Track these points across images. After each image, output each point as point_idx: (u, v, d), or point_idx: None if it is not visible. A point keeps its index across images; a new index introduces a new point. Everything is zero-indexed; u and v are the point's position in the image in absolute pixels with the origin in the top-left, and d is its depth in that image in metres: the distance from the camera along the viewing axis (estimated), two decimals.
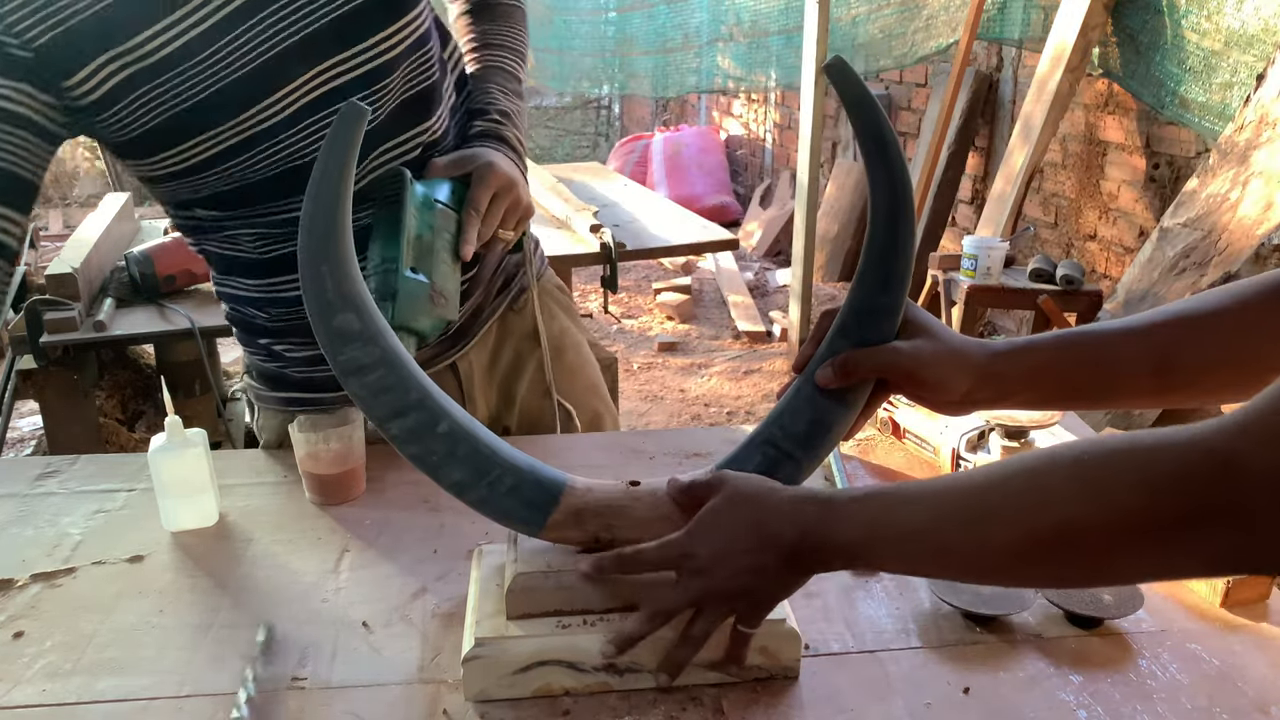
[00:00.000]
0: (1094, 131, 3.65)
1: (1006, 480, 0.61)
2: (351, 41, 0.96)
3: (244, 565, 0.95)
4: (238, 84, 0.92)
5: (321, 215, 0.74)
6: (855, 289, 0.78)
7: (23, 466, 1.17)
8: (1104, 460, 0.56)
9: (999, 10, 4.00)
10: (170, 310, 2.07)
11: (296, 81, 0.95)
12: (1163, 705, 0.75)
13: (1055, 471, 0.59)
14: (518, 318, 1.26)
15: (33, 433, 3.32)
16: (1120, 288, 2.93)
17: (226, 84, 0.92)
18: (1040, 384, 0.76)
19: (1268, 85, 2.66)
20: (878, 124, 0.75)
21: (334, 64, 0.96)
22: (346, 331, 0.75)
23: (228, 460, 1.15)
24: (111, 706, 0.75)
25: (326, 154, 0.74)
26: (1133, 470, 0.54)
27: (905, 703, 0.75)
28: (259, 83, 0.93)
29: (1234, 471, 0.50)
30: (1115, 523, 0.55)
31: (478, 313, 1.21)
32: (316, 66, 0.95)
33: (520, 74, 1.19)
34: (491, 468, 0.77)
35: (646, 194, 3.35)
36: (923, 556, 0.67)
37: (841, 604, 0.88)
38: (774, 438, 0.80)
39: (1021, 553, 0.60)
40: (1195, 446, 0.52)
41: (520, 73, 1.19)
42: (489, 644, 0.74)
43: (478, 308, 1.20)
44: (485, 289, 1.20)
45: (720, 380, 4.07)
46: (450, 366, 1.21)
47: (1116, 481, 0.55)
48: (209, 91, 0.91)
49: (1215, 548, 0.52)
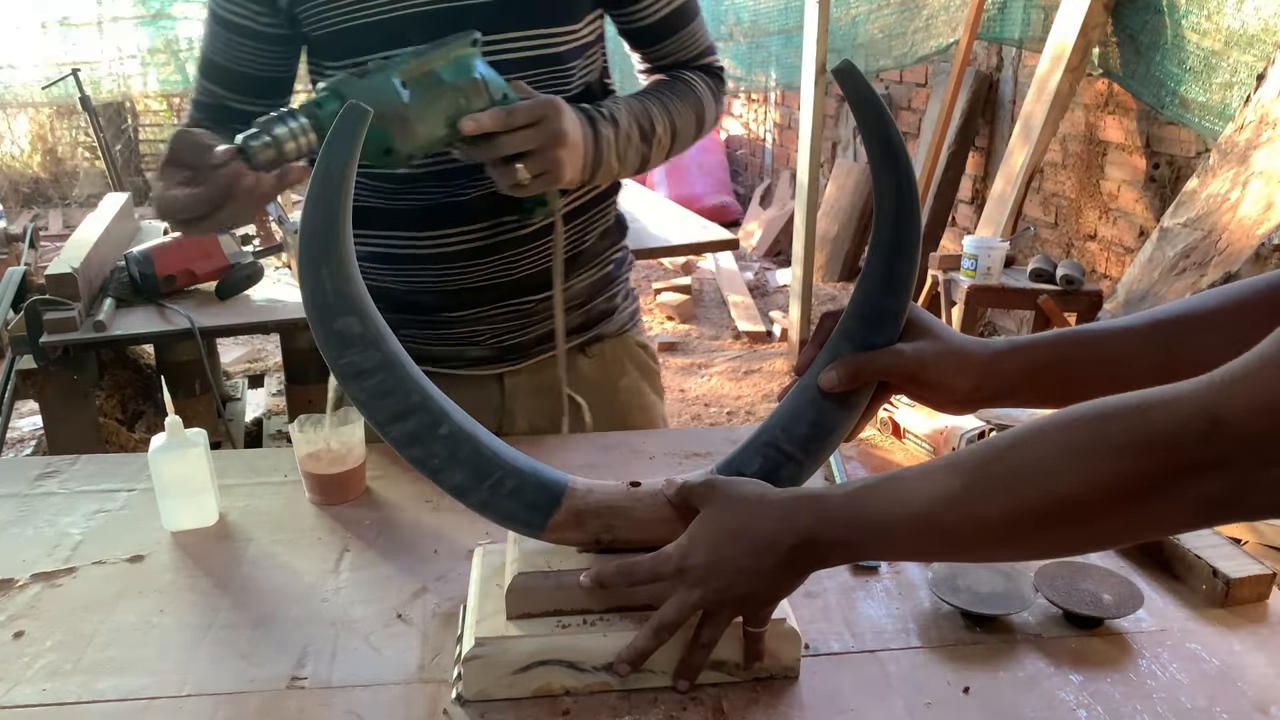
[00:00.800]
0: (1094, 131, 3.65)
1: (997, 456, 0.62)
2: (502, 27, 1.03)
3: (244, 565, 0.95)
4: (398, 22, 1.02)
5: (322, 217, 0.74)
6: (860, 292, 0.78)
7: (23, 466, 1.17)
8: (1092, 425, 0.56)
9: (999, 10, 4.00)
10: (170, 310, 2.07)
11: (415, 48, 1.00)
12: (1163, 705, 0.75)
13: (1045, 442, 0.59)
14: (586, 362, 1.26)
15: (33, 433, 3.32)
16: (1120, 288, 2.93)
17: (388, 19, 1.03)
18: (1042, 383, 0.76)
19: (1268, 85, 2.66)
20: (885, 128, 0.75)
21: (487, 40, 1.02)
22: (347, 335, 0.75)
23: (228, 460, 1.15)
24: (111, 706, 0.75)
25: (327, 155, 0.74)
26: (1122, 432, 0.55)
27: (905, 703, 0.75)
28: (412, 29, 1.01)
29: (1222, 426, 0.51)
30: (1107, 485, 0.56)
31: (542, 340, 1.21)
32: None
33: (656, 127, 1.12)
34: (493, 470, 0.77)
35: (646, 194, 3.35)
36: (920, 541, 0.67)
37: (841, 604, 0.88)
38: (775, 440, 0.80)
39: (1016, 525, 0.61)
40: (1183, 405, 0.53)
41: (658, 126, 1.12)
42: (489, 644, 0.74)
43: (543, 336, 1.20)
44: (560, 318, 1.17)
45: (720, 380, 4.07)
46: (498, 378, 1.22)
47: (1106, 445, 0.56)
48: (373, 18, 1.02)
49: (1204, 499, 0.53)
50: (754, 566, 0.70)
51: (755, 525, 0.71)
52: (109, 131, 6.78)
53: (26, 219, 7.04)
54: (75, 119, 8.05)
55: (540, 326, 1.20)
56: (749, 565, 0.70)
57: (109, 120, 7.46)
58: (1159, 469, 0.54)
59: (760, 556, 0.70)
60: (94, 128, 4.36)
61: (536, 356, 1.22)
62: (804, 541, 0.69)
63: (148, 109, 8.67)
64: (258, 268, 2.19)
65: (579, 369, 1.26)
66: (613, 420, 1.28)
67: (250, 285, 2.19)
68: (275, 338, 3.81)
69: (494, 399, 1.23)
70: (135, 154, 8.32)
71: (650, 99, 1.14)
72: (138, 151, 8.41)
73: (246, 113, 1.09)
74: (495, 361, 1.21)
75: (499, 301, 1.17)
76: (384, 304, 1.01)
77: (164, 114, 8.83)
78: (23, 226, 3.23)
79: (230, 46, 1.09)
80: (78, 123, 8.08)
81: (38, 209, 7.78)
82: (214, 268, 2.16)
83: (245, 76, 1.10)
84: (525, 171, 0.96)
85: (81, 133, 8.12)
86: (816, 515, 0.69)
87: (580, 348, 1.25)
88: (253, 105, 1.11)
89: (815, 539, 0.69)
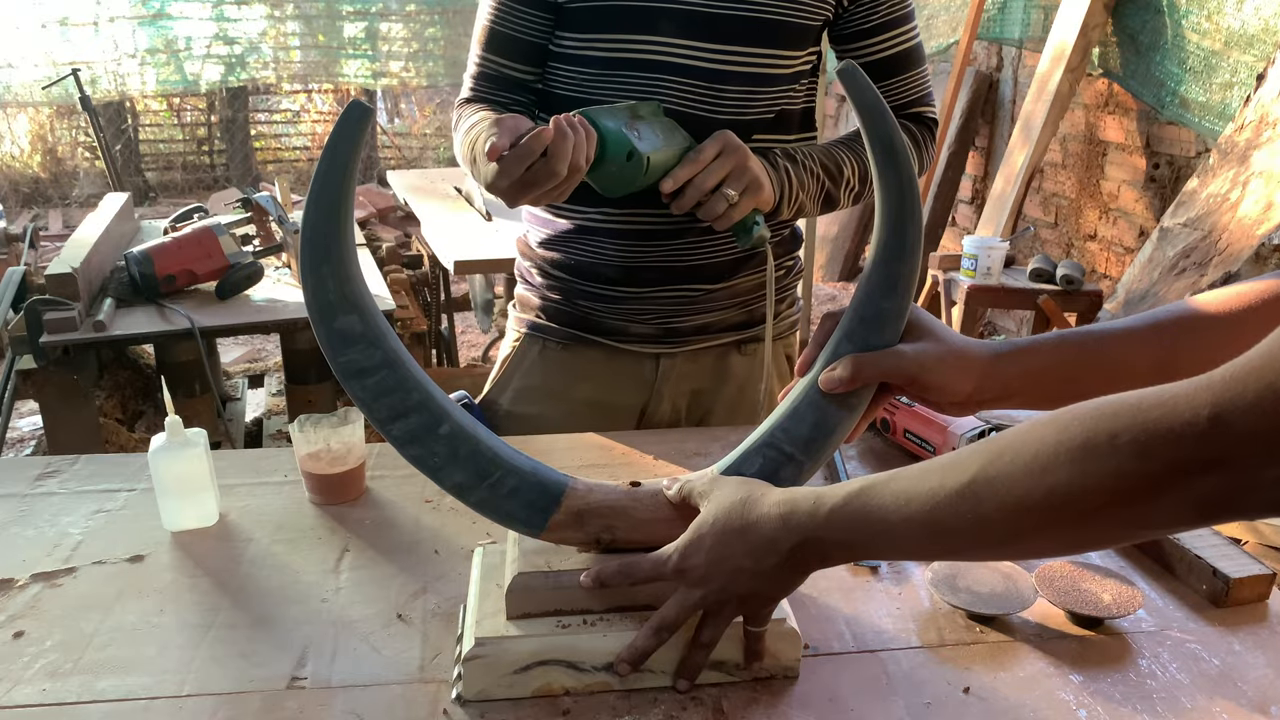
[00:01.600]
0: (1094, 131, 3.65)
1: (997, 455, 0.62)
2: (720, 39, 1.11)
3: (244, 565, 0.95)
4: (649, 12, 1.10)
5: (324, 217, 0.74)
6: (861, 293, 0.78)
7: (23, 466, 1.17)
8: (1091, 424, 0.56)
9: (999, 10, 4.00)
10: (170, 310, 2.07)
11: (656, 37, 1.11)
12: (1163, 705, 0.75)
13: (1044, 441, 0.59)
14: (741, 360, 1.31)
15: (33, 433, 3.32)
16: (1120, 288, 2.93)
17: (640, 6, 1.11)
18: (1042, 384, 0.76)
19: (1268, 85, 2.66)
20: (887, 129, 0.75)
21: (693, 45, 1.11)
22: (349, 333, 0.75)
23: (228, 460, 1.15)
24: (111, 706, 0.75)
25: (329, 155, 0.73)
26: (1122, 431, 0.55)
27: (905, 703, 0.75)
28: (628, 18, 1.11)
29: (1222, 425, 0.51)
30: (1107, 484, 0.56)
31: (704, 329, 1.27)
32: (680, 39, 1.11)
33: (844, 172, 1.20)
34: (493, 469, 0.77)
35: None
36: (920, 541, 0.67)
37: (841, 604, 0.88)
38: (776, 440, 0.80)
39: (1016, 525, 0.61)
40: (1183, 403, 0.53)
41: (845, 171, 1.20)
42: (489, 644, 0.74)
43: (705, 325, 1.27)
44: (722, 308, 1.26)
45: None
46: (654, 357, 1.28)
47: (1106, 444, 0.55)
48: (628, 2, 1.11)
49: (1204, 498, 0.53)
50: (754, 566, 0.70)
51: (755, 525, 0.71)
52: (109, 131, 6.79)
53: (26, 219, 7.04)
54: (75, 119, 8.06)
55: (703, 316, 1.26)
56: (749, 565, 0.70)
57: (109, 120, 7.47)
58: (1159, 468, 0.53)
59: (761, 556, 0.70)
60: (94, 127, 4.36)
61: (694, 344, 1.28)
62: (804, 540, 0.69)
63: (147, 109, 8.67)
64: (258, 268, 2.19)
65: (730, 364, 1.32)
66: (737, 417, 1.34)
67: (250, 285, 2.19)
68: (275, 338, 3.81)
69: (648, 377, 1.30)
70: (135, 154, 8.32)
71: (843, 146, 1.21)
72: (138, 151, 8.41)
73: (523, 81, 1.20)
74: (655, 341, 1.27)
75: (670, 284, 1.23)
76: (571, 273, 1.27)
77: (164, 114, 8.84)
78: (23, 226, 3.23)
79: (516, 17, 1.17)
80: (77, 123, 8.08)
81: (38, 209, 7.78)
82: (214, 268, 2.16)
83: (530, 45, 1.18)
84: (731, 191, 1.05)
85: (81, 133, 8.12)
86: (816, 514, 0.69)
87: (737, 344, 1.31)
88: (529, 73, 1.20)
89: (815, 538, 0.69)
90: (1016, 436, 0.61)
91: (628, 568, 0.75)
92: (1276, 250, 2.46)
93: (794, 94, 1.20)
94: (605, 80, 1.15)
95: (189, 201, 4.39)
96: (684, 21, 1.10)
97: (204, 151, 8.79)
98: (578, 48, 1.16)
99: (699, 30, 1.11)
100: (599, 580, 0.75)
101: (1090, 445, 0.56)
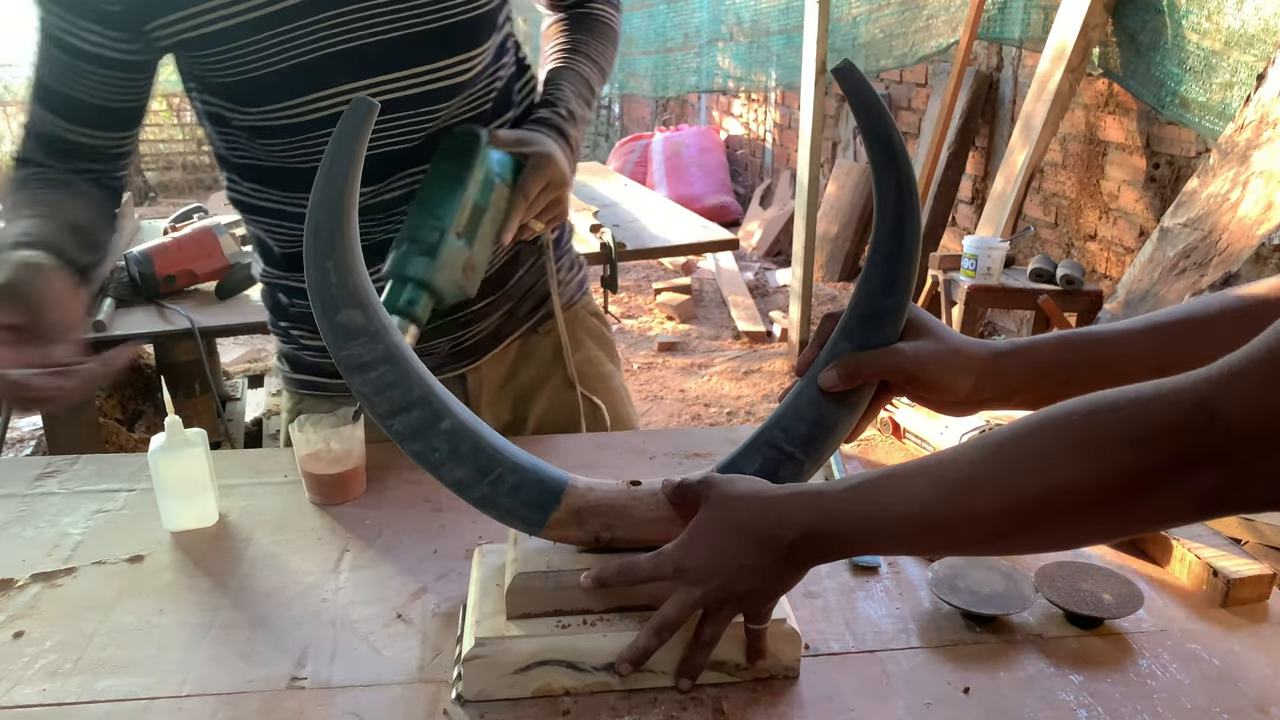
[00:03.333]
0: (1094, 131, 3.65)
1: (995, 450, 0.62)
2: (401, 64, 0.99)
3: (244, 565, 0.95)
4: (279, 76, 0.96)
5: (327, 211, 0.74)
6: (860, 291, 0.78)
7: (23, 466, 1.17)
8: (1089, 419, 0.56)
9: (999, 10, 4.00)
10: (170, 310, 2.07)
11: (336, 89, 0.97)
12: (1163, 705, 0.75)
13: (1042, 435, 0.59)
14: (542, 340, 1.25)
15: (33, 433, 3.32)
16: (1120, 288, 2.93)
17: (267, 73, 0.96)
18: (1042, 384, 0.76)
19: (1268, 85, 2.66)
20: (885, 128, 0.75)
21: (380, 81, 0.98)
22: (351, 327, 0.75)
23: (228, 460, 1.15)
24: (111, 706, 0.75)
25: (334, 149, 0.73)
26: (1119, 426, 0.55)
27: (905, 703, 0.75)
28: (298, 80, 0.97)
29: (1220, 420, 0.51)
30: (1105, 479, 0.56)
31: (497, 334, 1.21)
32: (361, 80, 0.98)
33: (596, 88, 1.16)
34: (494, 466, 0.77)
35: (646, 194, 3.35)
36: (918, 535, 0.67)
37: (841, 604, 0.88)
38: (776, 439, 0.80)
39: (1014, 519, 0.61)
40: (1182, 398, 0.53)
41: (596, 86, 1.17)
42: (489, 644, 0.74)
43: (496, 330, 1.20)
44: (509, 312, 1.20)
45: (720, 380, 4.07)
46: (459, 377, 1.21)
47: (1103, 439, 0.55)
48: (257, 72, 0.95)
49: (1202, 492, 0.53)
50: (754, 563, 0.70)
51: (754, 522, 0.71)
52: None
53: None
54: None
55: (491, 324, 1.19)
56: (749, 562, 0.71)
57: None
58: (1157, 462, 0.53)
59: (760, 553, 0.70)
60: None
61: (493, 350, 1.22)
62: (803, 536, 0.69)
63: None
64: None
65: (536, 351, 1.25)
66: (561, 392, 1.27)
67: (250, 285, 2.19)
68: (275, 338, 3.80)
69: (462, 398, 1.21)
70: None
71: (580, 60, 1.15)
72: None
73: (90, 147, 1.00)
74: (454, 363, 1.20)
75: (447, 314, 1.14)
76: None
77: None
78: None
79: (74, 74, 0.95)
80: None
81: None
82: (214, 268, 2.16)
83: (93, 107, 0.98)
84: (538, 223, 1.03)
85: None
86: (815, 510, 0.69)
87: (533, 328, 1.24)
88: (97, 138, 1.00)
89: (814, 534, 0.69)
90: (1014, 431, 0.61)
91: (627, 567, 0.75)
92: (1276, 250, 2.46)
93: (502, 72, 1.11)
94: (300, 145, 1.01)
95: (189, 201, 4.39)
96: (357, 63, 0.97)
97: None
98: (260, 119, 0.99)
99: (377, 65, 0.97)
100: (599, 580, 0.75)
101: (1088, 440, 0.56)
